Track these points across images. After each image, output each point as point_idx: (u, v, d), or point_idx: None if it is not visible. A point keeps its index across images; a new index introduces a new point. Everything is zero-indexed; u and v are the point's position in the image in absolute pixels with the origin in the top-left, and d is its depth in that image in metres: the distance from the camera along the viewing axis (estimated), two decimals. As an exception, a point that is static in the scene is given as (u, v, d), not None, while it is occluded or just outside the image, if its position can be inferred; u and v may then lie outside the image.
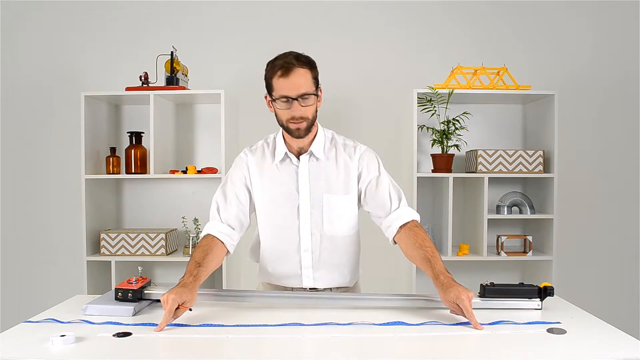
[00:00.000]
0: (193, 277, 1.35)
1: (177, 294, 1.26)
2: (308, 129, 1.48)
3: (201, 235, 1.55)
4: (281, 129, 1.56)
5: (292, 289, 1.60)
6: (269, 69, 1.46)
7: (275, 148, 1.58)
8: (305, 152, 1.55)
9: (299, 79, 1.42)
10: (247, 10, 2.88)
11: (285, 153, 1.55)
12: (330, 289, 1.61)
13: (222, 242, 1.52)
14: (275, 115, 1.50)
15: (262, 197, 1.57)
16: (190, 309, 1.30)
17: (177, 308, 1.26)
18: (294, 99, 1.42)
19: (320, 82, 1.50)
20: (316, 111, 1.50)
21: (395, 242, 1.54)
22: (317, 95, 1.47)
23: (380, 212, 1.55)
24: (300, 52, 1.48)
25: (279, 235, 1.58)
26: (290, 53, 1.46)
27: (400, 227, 1.50)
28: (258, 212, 1.60)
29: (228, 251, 1.54)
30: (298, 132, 1.47)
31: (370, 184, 1.56)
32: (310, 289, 1.59)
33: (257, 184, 1.58)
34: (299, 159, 1.55)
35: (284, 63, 1.42)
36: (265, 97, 1.52)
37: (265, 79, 1.49)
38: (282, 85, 1.43)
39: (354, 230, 1.61)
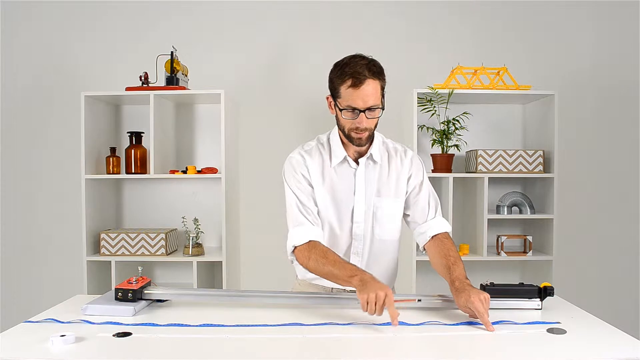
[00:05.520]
0: (367, 272, 1.33)
1: (386, 290, 1.22)
2: (369, 139, 1.48)
3: (295, 243, 1.46)
4: (335, 128, 1.55)
5: (332, 289, 1.60)
6: (338, 74, 1.42)
7: (332, 150, 1.55)
8: (363, 155, 1.54)
9: (369, 92, 1.39)
10: (247, 10, 2.88)
11: (345, 156, 1.54)
12: None
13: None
14: (337, 119, 1.48)
15: (320, 199, 1.55)
16: (420, 299, 1.34)
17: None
18: (361, 111, 1.41)
19: (385, 90, 1.47)
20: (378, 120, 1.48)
21: (424, 249, 1.58)
22: (383, 108, 1.44)
23: (418, 218, 1.58)
24: (370, 58, 1.44)
25: (332, 237, 1.56)
26: (360, 60, 1.42)
27: (432, 236, 1.54)
28: None
29: None
30: (359, 141, 1.47)
31: (415, 189, 1.58)
32: (349, 290, 1.57)
33: (317, 186, 1.55)
34: (356, 162, 1.55)
35: (355, 73, 1.39)
36: (328, 97, 1.49)
37: (330, 81, 1.46)
38: (351, 96, 1.40)
39: (398, 235, 1.62)
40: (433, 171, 2.68)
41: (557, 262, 2.61)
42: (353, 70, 1.39)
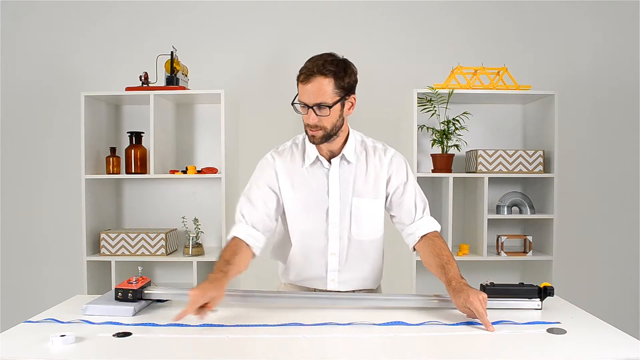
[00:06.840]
0: (222, 273, 1.33)
1: (201, 290, 1.24)
2: (324, 138, 1.45)
3: (228, 238, 1.52)
4: None
5: (315, 290, 1.60)
6: (301, 68, 1.44)
7: (305, 150, 1.55)
8: (337, 155, 1.53)
9: (317, 89, 1.39)
10: (247, 10, 2.88)
11: (317, 156, 1.53)
12: (353, 291, 1.60)
13: (249, 245, 1.48)
14: None
15: (292, 201, 1.54)
16: (215, 310, 1.27)
17: (203, 306, 1.23)
18: (309, 106, 1.41)
19: (353, 91, 1.46)
20: (340, 120, 1.46)
21: (414, 249, 1.57)
22: (331, 107, 1.40)
23: (405, 219, 1.56)
24: (337, 57, 1.43)
25: (307, 238, 1.56)
26: (328, 56, 1.42)
27: (422, 236, 1.53)
28: (287, 214, 1.56)
29: (254, 254, 1.50)
30: (312, 139, 1.46)
31: (398, 189, 1.55)
32: (329, 290, 1.58)
33: (286, 188, 1.54)
34: (329, 162, 1.53)
35: (307, 69, 1.40)
36: None
37: None
38: (301, 91, 1.42)
39: (380, 234, 1.60)
40: (433, 171, 2.68)
41: (557, 262, 2.61)
42: (309, 66, 1.41)
